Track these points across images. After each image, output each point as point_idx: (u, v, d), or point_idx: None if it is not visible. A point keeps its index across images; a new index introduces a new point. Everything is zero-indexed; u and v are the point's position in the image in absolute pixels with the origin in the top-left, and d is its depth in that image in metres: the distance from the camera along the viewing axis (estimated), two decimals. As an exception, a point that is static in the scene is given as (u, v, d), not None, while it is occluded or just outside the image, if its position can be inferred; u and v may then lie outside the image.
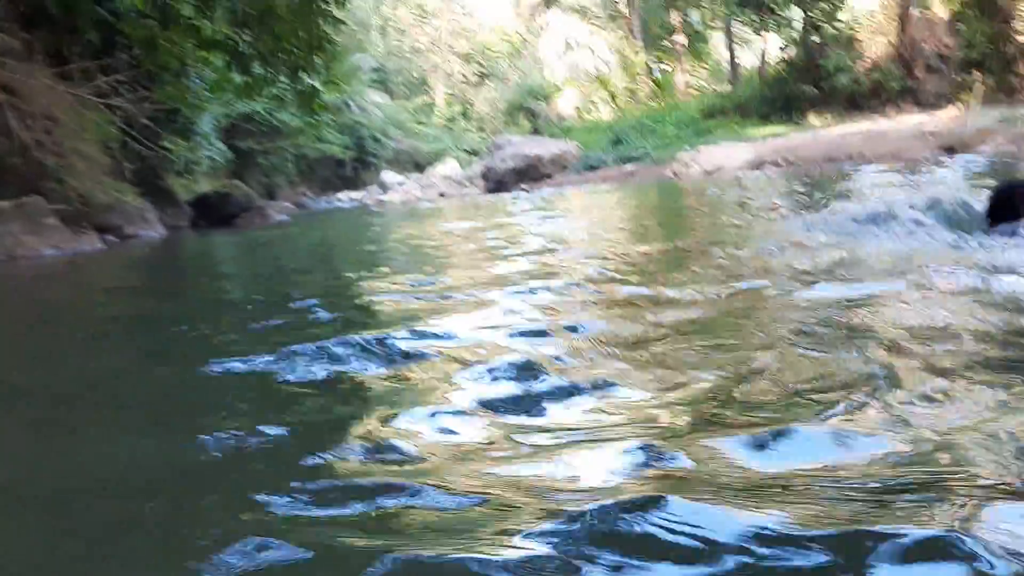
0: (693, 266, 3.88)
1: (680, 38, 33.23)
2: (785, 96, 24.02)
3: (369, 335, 2.64)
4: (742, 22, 25.89)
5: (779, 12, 23.68)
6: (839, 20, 24.08)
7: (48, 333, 3.76)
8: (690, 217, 7.69)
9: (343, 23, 10.88)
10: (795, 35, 24.37)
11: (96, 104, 13.02)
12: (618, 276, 3.83)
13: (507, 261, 5.05)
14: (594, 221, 8.65)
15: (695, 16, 31.31)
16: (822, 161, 17.07)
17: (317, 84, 12.17)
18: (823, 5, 23.46)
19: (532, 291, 3.53)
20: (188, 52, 12.79)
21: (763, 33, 26.04)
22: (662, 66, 31.95)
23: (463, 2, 59.00)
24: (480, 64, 59.32)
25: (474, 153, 49.04)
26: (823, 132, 19.89)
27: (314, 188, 37.80)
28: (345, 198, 32.85)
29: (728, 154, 19.80)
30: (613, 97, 33.77)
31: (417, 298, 3.67)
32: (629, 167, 23.62)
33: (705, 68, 36.27)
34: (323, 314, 3.47)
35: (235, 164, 30.26)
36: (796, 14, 24.75)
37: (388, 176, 36.45)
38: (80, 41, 13.09)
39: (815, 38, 24.25)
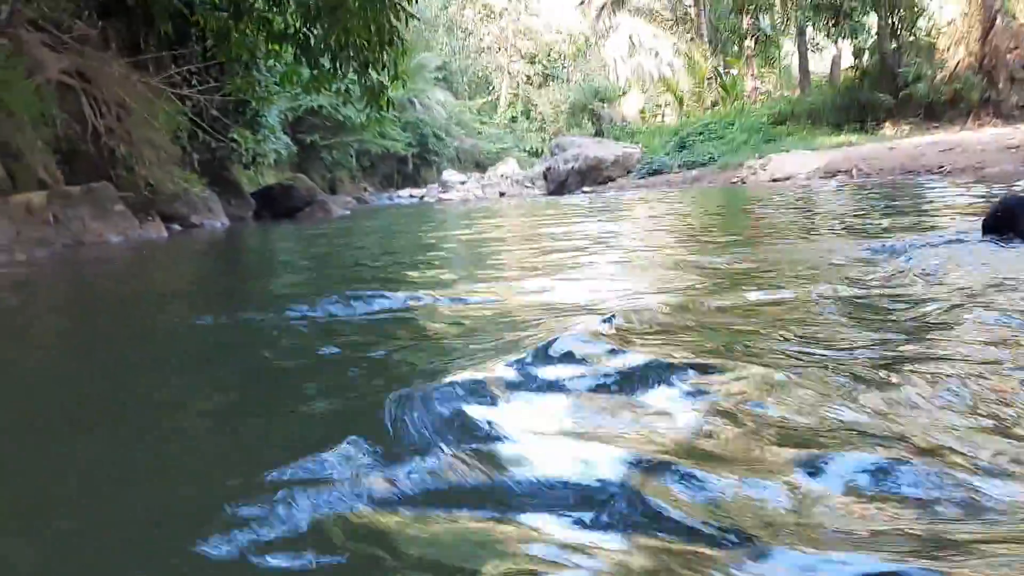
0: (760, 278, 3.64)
1: (750, 42, 32.59)
2: (859, 104, 23.34)
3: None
4: (816, 28, 25.22)
5: (855, 18, 22.98)
6: (918, 27, 23.32)
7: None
8: (756, 226, 7.39)
9: (414, 17, 10.77)
10: (871, 42, 23.64)
11: (168, 94, 13.19)
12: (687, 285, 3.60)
13: (566, 263, 4.87)
14: (658, 226, 8.40)
15: (766, 20, 30.63)
16: (898, 172, 16.50)
17: (384, 80, 12.11)
18: (902, 12, 22.72)
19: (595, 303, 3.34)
20: (259, 44, 12.88)
21: (837, 39, 25.37)
22: (730, 70, 31.33)
23: (529, 3, 59.00)
24: (544, 65, 59.22)
25: (535, 154, 48.97)
26: (899, 142, 19.23)
27: (375, 184, 38.09)
28: (405, 195, 32.98)
29: (798, 162, 19.30)
30: (679, 101, 33.25)
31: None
32: (694, 172, 23.22)
33: (774, 73, 35.53)
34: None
35: (299, 157, 30.62)
36: (872, 20, 24.04)
37: (449, 175, 36.48)
38: (154, 31, 13.25)
39: (892, 45, 23.52)
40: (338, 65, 11.75)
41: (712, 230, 7.36)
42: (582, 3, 42.15)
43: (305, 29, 11.80)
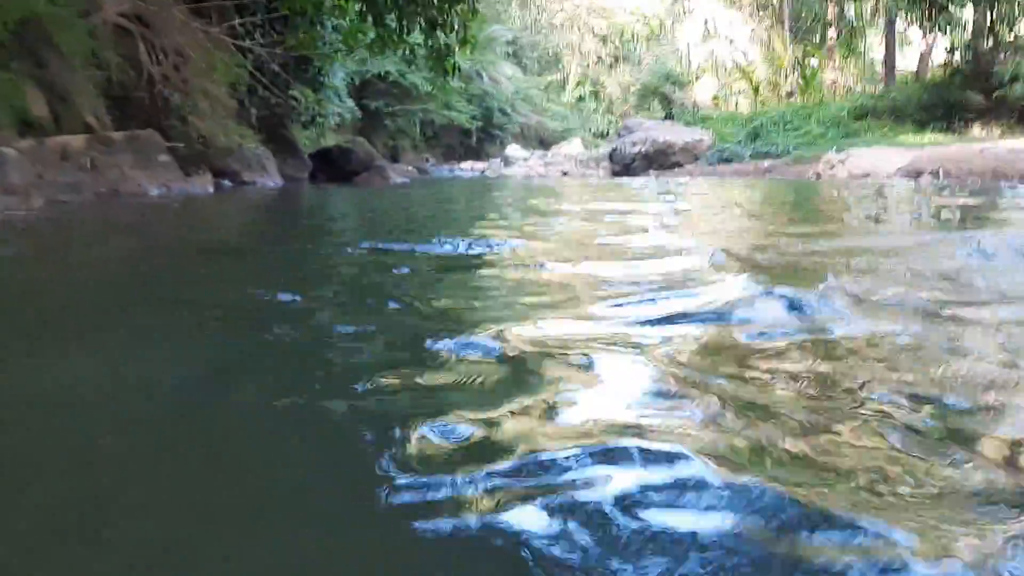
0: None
1: (833, 32, 31.22)
2: (947, 103, 22.02)
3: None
4: (908, 19, 23.87)
5: (951, 10, 21.65)
6: (1018, 24, 21.90)
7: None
8: (833, 223, 6.64)
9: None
10: (966, 37, 22.28)
11: (228, 45, 12.79)
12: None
13: (621, 248, 4.26)
14: (731, 216, 7.70)
15: (852, 10, 29.25)
16: (989, 177, 15.40)
17: (452, 43, 11.53)
18: (1003, 8, 21.33)
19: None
20: (324, -1, 12.40)
21: (928, 33, 24.02)
22: (811, 60, 30.04)
23: (605, -20, 57.79)
24: (615, 46, 58.08)
25: (601, 135, 48.10)
26: (990, 145, 18.02)
27: (436, 155, 37.73)
28: (468, 168, 32.51)
29: (879, 159, 18.23)
30: (755, 89, 32.06)
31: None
32: (766, 163, 22.20)
33: (856, 67, 34.06)
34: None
35: (362, 122, 30.31)
36: (969, 15, 22.66)
37: (512, 150, 35.95)
38: (220, -21, 12.86)
39: (988, 42, 22.14)
40: (404, 24, 11.21)
41: (789, 222, 6.65)
42: (661, -17, 40.80)
43: (373, -15, 11.29)
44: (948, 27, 21.59)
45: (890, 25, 26.16)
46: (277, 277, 3.16)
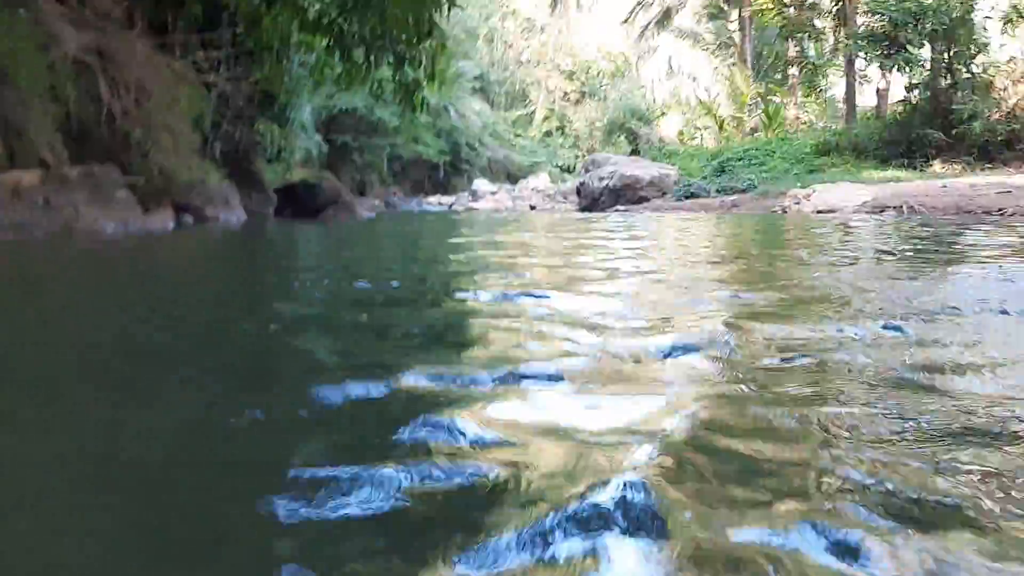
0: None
1: (795, 70, 31.77)
2: (908, 140, 22.37)
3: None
4: (867, 58, 24.29)
5: (910, 50, 22.07)
6: (975, 63, 22.37)
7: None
8: (795, 258, 6.59)
9: (458, 6, 10.08)
10: (924, 76, 22.71)
11: (193, 79, 12.62)
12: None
13: (592, 279, 4.14)
14: (691, 250, 7.63)
15: (813, 49, 29.78)
16: (952, 212, 15.60)
17: (420, 77, 11.45)
18: (960, 47, 21.79)
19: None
20: (291, 32, 12.27)
21: (887, 72, 24.46)
22: (773, 97, 30.49)
23: (571, 19, 58.53)
24: (582, 82, 58.71)
25: (567, 169, 48.43)
26: (952, 181, 18.28)
27: (404, 189, 37.69)
28: (435, 202, 32.49)
29: (844, 194, 18.42)
30: (720, 125, 32.44)
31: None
32: (732, 198, 22.35)
33: (817, 103, 34.66)
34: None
35: (330, 157, 30.17)
36: (927, 53, 23.11)
37: (480, 184, 36.02)
38: (184, 13, 12.70)
39: (947, 81, 22.59)
40: (372, 58, 11.12)
41: (751, 259, 6.58)
42: (626, 21, 41.44)
43: (340, 19, 11.18)
44: (907, 65, 21.97)
45: (850, 64, 26.63)
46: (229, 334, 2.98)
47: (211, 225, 11.05)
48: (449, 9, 10.13)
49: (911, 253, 7.07)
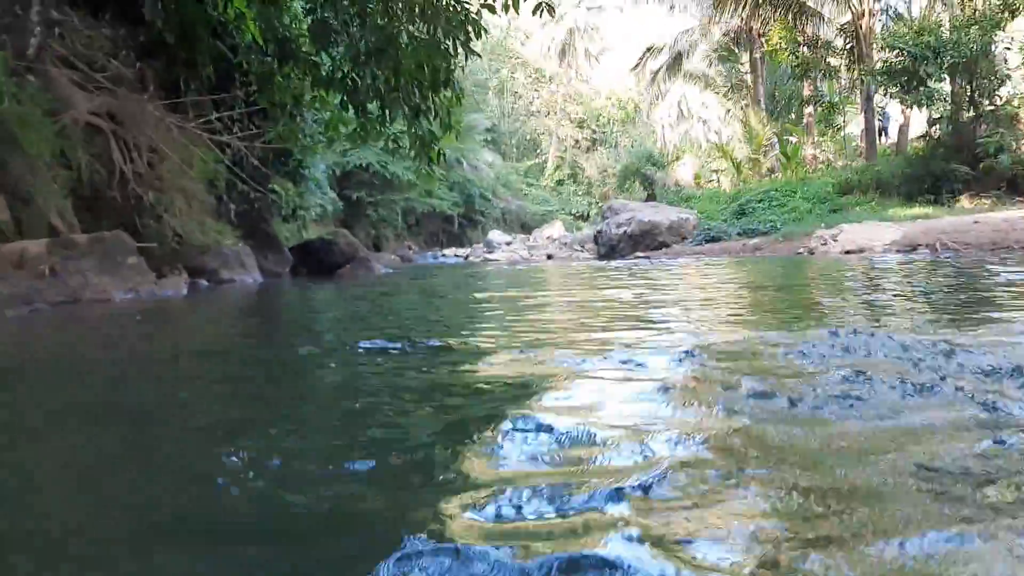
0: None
1: (810, 109, 31.50)
2: (932, 175, 21.90)
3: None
4: (887, 94, 23.98)
5: (930, 84, 21.73)
6: (998, 95, 22.00)
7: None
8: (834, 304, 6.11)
9: (475, 54, 9.80)
10: (947, 110, 22.33)
11: (206, 140, 12.39)
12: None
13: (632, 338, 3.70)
14: (730, 302, 7.17)
15: (825, 87, 29.53)
16: (987, 248, 15.09)
17: (436, 129, 11.15)
18: (982, 80, 21.44)
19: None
20: (304, 90, 12.05)
21: (908, 107, 24.11)
22: (789, 137, 30.19)
23: (580, 68, 58.95)
24: (592, 129, 58.96)
25: (582, 217, 48.34)
26: (984, 216, 17.80)
27: (419, 242, 37.60)
28: (451, 254, 32.25)
29: (873, 233, 17.94)
30: (737, 167, 32.13)
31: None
32: (755, 240, 21.92)
33: (834, 142, 34.36)
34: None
35: (344, 213, 30.10)
36: (947, 87, 22.77)
37: (495, 235, 35.79)
38: (196, 75, 12.51)
39: (970, 114, 22.20)
40: (387, 112, 10.83)
41: (793, 307, 6.11)
42: (635, 68, 41.46)
43: (354, 75, 10.92)
44: (929, 100, 21.61)
45: (868, 101, 26.32)
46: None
47: (226, 288, 10.69)
48: (467, 58, 9.83)
49: (964, 297, 6.60)
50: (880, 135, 29.09)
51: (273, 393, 2.91)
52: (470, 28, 9.34)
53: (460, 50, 9.55)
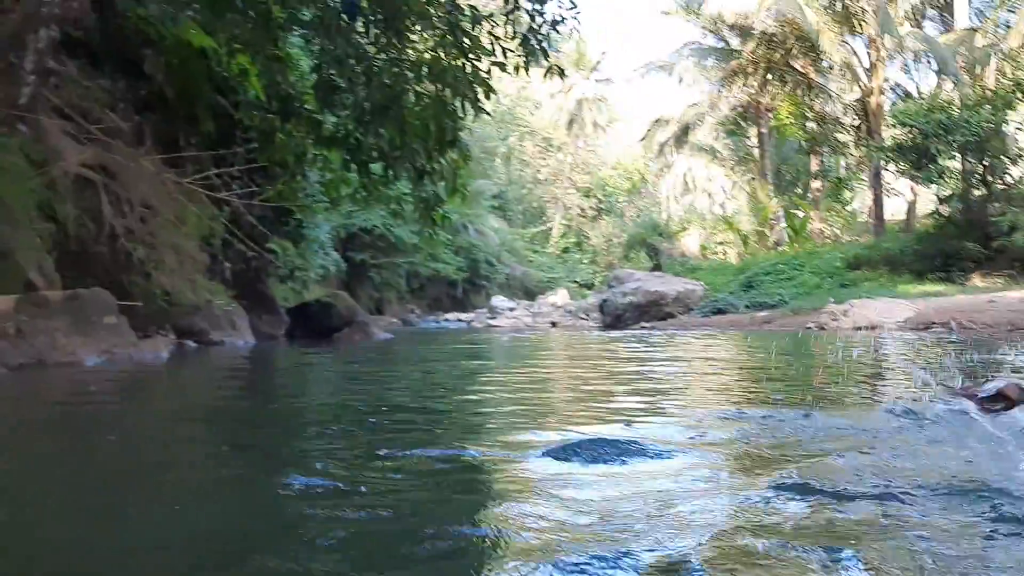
0: None
1: (817, 183, 31.37)
2: (944, 253, 21.55)
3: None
4: (897, 171, 23.74)
5: (940, 162, 21.51)
6: (1009, 173, 21.77)
7: None
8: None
9: (485, 112, 9.44)
10: (957, 187, 22.07)
11: (203, 197, 12.03)
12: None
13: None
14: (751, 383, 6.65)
15: (831, 162, 29.43)
16: (1006, 328, 14.57)
17: (440, 192, 10.78)
18: (992, 158, 21.23)
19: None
20: (306, 148, 11.72)
21: (918, 184, 23.89)
22: (796, 211, 29.98)
23: (588, 137, 59.33)
24: (598, 199, 59.02)
25: (586, 285, 47.94)
26: (999, 295, 17.35)
27: (422, 306, 37.29)
28: (453, 319, 31.84)
29: (885, 310, 17.47)
30: (744, 240, 31.86)
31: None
32: (763, 314, 21.45)
33: (841, 217, 34.17)
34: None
35: (347, 275, 29.76)
36: (958, 164, 22.55)
37: (499, 301, 35.36)
38: (196, 130, 12.23)
39: (980, 192, 21.94)
40: (390, 173, 10.48)
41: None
42: (643, 139, 41.62)
43: (357, 133, 10.58)
44: (940, 177, 21.37)
45: (876, 177, 26.13)
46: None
47: (214, 351, 10.19)
48: (476, 116, 9.48)
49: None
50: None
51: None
52: (479, 88, 9.01)
53: (468, 110, 9.20)
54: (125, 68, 11.68)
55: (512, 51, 9.14)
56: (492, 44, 9.20)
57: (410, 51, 9.82)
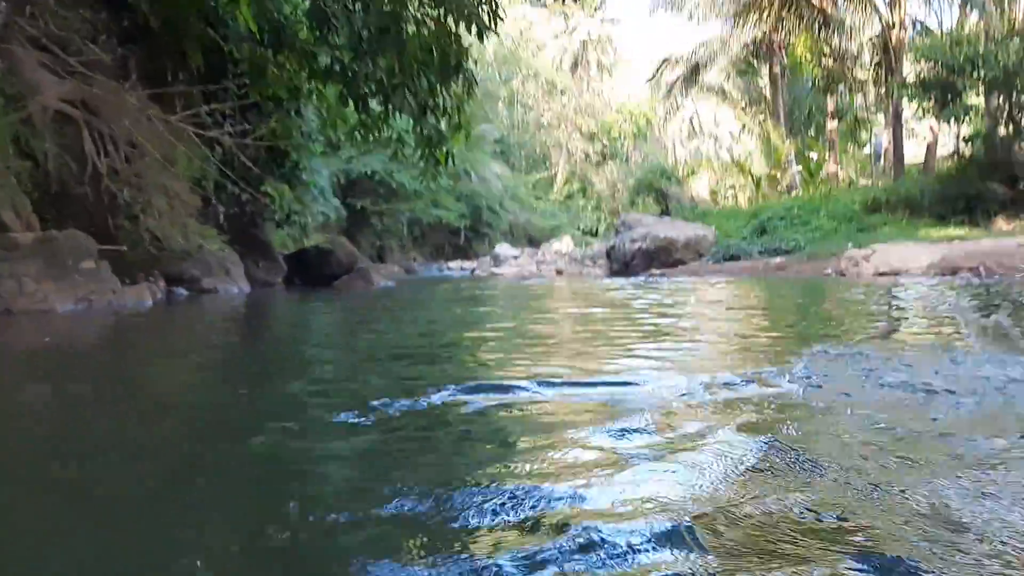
0: None
1: (832, 124, 30.34)
2: (966, 195, 20.76)
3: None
4: (920, 109, 22.74)
5: (965, 99, 20.60)
6: (1038, 113, 20.88)
7: None
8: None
9: (494, 32, 8.61)
10: (982, 126, 21.19)
11: (192, 135, 11.27)
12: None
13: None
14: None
15: (858, 101, 28.41)
16: (1038, 272, 13.94)
17: (444, 129, 10.03)
18: (1022, 95, 20.32)
19: None
20: (300, 82, 10.94)
21: (945, 123, 22.96)
22: (810, 153, 29.06)
23: (592, 81, 57.96)
24: (603, 144, 57.84)
25: (590, 233, 47.12)
26: (1027, 238, 16.66)
27: (424, 254, 36.68)
28: (456, 267, 31.20)
29: (907, 255, 16.78)
30: (757, 184, 30.99)
31: None
32: (778, 259, 20.78)
33: (856, 160, 33.23)
34: None
35: (348, 223, 29.05)
36: (981, 103, 21.65)
37: (502, 248, 34.70)
38: (184, 64, 11.41)
39: (1006, 131, 21.07)
40: (390, 108, 9.72)
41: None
42: (651, 79, 40.44)
43: (354, 66, 9.79)
44: (965, 115, 20.48)
45: (896, 116, 25.19)
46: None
47: (206, 299, 9.56)
48: (482, 38, 8.66)
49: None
50: (876, 160, 28.05)
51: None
52: (487, 9, 8.21)
53: (471, 38, 8.42)
54: (106, -4, 10.86)
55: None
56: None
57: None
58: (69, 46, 10.07)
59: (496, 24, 8.96)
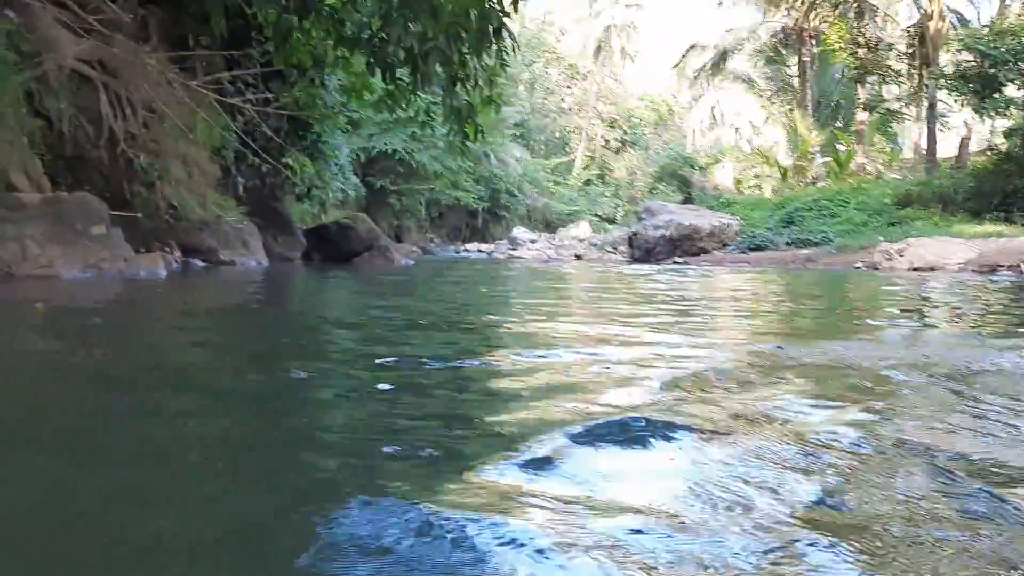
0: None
1: (862, 116, 29.64)
2: (1003, 191, 20.15)
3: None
4: (958, 101, 22.04)
5: (1005, 92, 19.93)
6: (1078, 107, 20.22)
7: None
8: None
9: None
10: (1021, 120, 20.51)
11: (213, 102, 10.88)
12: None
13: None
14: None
15: (889, 92, 27.72)
16: (1084, 272, 13.42)
17: (474, 101, 9.57)
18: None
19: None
20: (326, 50, 10.49)
21: (982, 117, 22.26)
22: (838, 145, 28.41)
23: (615, 67, 57.28)
24: (624, 130, 57.16)
25: (608, 219, 46.57)
26: (1074, 237, 16.08)
27: (441, 235, 36.37)
28: (473, 249, 30.81)
29: (943, 250, 16.27)
30: (783, 174, 30.37)
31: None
32: (806, 251, 20.28)
33: (884, 152, 32.54)
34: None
35: (367, 200, 28.67)
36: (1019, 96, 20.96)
37: (520, 232, 34.27)
38: (206, 28, 10.99)
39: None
40: (418, 78, 9.26)
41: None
42: (676, 66, 39.81)
43: (383, 33, 9.34)
44: (1006, 108, 19.82)
45: (931, 109, 24.53)
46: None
47: (224, 270, 9.19)
48: (516, 7, 8.15)
49: None
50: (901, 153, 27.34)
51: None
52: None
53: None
54: (127, -47, 10.45)
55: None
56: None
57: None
58: (88, 4, 9.68)
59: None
